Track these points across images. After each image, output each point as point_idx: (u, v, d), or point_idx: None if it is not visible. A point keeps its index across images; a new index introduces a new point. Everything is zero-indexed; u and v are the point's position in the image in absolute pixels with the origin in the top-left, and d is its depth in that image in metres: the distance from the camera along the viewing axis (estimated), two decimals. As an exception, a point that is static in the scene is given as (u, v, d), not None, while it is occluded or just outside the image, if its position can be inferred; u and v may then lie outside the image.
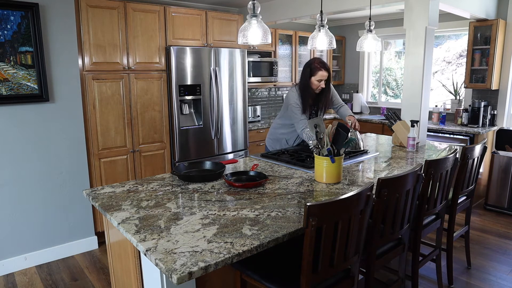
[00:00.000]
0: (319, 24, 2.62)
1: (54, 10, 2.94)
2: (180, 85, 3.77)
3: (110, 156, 3.48)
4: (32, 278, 2.91)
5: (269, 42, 2.19)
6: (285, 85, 5.40)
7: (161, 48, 3.67)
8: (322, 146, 2.11)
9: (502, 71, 4.34)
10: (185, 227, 1.50)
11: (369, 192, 1.51)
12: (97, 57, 3.29)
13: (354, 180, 2.18)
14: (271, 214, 1.64)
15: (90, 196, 1.90)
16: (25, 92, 2.87)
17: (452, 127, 4.32)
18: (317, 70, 2.76)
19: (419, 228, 2.19)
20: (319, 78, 2.78)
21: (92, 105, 3.31)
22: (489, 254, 3.19)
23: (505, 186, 4.06)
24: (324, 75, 2.78)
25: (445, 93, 5.05)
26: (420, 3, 3.25)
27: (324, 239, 1.40)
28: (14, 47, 2.78)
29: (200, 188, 2.01)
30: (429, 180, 2.07)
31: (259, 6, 2.10)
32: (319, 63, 2.78)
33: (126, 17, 3.40)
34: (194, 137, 3.96)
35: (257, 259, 1.69)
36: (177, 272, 1.17)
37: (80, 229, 3.30)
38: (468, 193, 2.77)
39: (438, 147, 3.21)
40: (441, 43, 5.17)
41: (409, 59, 3.39)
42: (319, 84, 2.81)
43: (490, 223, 3.86)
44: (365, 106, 5.81)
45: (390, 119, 3.29)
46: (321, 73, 2.77)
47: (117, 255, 1.94)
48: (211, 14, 4.00)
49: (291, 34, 5.24)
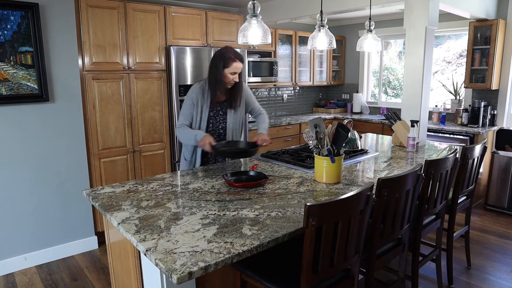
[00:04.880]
0: (319, 24, 2.62)
1: (54, 10, 2.94)
2: (180, 85, 3.77)
3: (110, 156, 3.48)
4: (32, 278, 2.91)
5: (269, 42, 2.19)
6: (285, 85, 5.40)
7: (161, 48, 3.67)
8: (322, 146, 2.11)
9: (502, 71, 4.34)
10: (185, 227, 1.50)
11: (369, 192, 1.51)
12: (97, 57, 3.29)
13: (354, 180, 2.18)
14: (271, 214, 1.64)
15: (90, 196, 1.90)
16: (25, 92, 2.87)
17: (452, 127, 4.32)
18: (232, 61, 2.41)
19: (419, 228, 2.19)
20: (233, 71, 2.42)
21: (92, 105, 3.31)
22: (489, 254, 3.19)
23: (505, 186, 4.06)
24: (239, 67, 2.44)
25: (445, 93, 5.05)
26: (420, 3, 3.25)
27: (324, 239, 1.40)
28: (14, 47, 2.78)
29: (200, 188, 2.01)
30: (429, 180, 2.07)
31: (259, 6, 2.10)
32: (233, 54, 2.43)
33: (126, 17, 3.40)
34: (194, 137, 3.96)
35: (257, 259, 1.69)
36: (177, 272, 1.17)
37: (80, 229, 3.30)
38: (468, 193, 2.77)
39: (438, 147, 3.21)
40: (441, 43, 5.17)
41: (409, 59, 3.39)
42: (232, 78, 2.45)
43: (490, 223, 3.85)
44: (365, 106, 5.81)
45: (390, 119, 3.29)
46: (236, 64, 2.42)
47: (117, 255, 1.94)
48: (211, 14, 4.00)
49: (291, 34, 5.24)
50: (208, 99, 2.51)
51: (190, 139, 2.44)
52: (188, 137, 2.45)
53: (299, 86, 5.89)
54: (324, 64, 5.84)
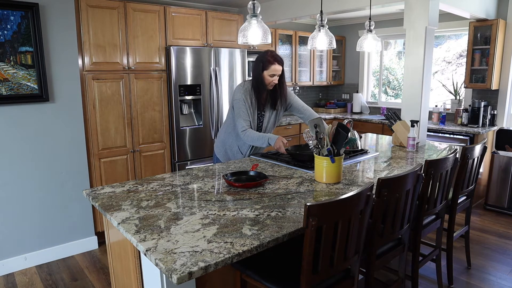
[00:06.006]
0: (319, 24, 2.62)
1: (54, 10, 2.94)
2: (180, 85, 3.77)
3: (110, 156, 3.48)
4: (32, 278, 2.91)
5: (269, 42, 2.19)
6: (285, 85, 5.39)
7: (161, 48, 3.67)
8: (322, 146, 2.11)
9: (502, 71, 4.34)
10: (185, 227, 1.50)
11: (369, 192, 1.51)
12: (97, 57, 3.29)
13: (354, 180, 2.18)
14: (271, 214, 1.64)
15: (90, 196, 1.90)
16: (25, 92, 2.87)
17: (452, 127, 4.32)
18: (270, 64, 2.50)
19: (419, 228, 2.19)
20: (272, 73, 2.52)
21: (92, 105, 3.31)
22: (489, 254, 3.19)
23: (505, 186, 4.06)
24: (278, 69, 2.52)
25: (445, 93, 5.05)
26: (420, 3, 3.25)
27: (324, 239, 1.40)
28: (14, 47, 2.78)
29: (200, 188, 2.01)
30: (429, 180, 2.07)
31: (259, 6, 2.10)
32: (272, 56, 2.52)
33: (126, 17, 3.40)
34: (194, 137, 3.96)
35: (257, 259, 1.69)
36: (177, 272, 1.17)
37: (80, 229, 3.30)
38: (468, 193, 2.77)
39: (438, 147, 3.21)
40: (441, 43, 5.17)
41: (409, 59, 3.39)
42: (271, 80, 2.55)
43: (490, 223, 3.85)
44: (365, 106, 5.81)
45: (390, 119, 3.29)
46: (274, 67, 2.50)
47: (117, 255, 1.94)
48: (211, 14, 4.00)
49: (291, 34, 5.24)
50: (254, 99, 2.61)
51: (262, 142, 2.54)
52: (259, 141, 2.55)
53: (299, 86, 5.89)
54: (324, 64, 5.84)
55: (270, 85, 2.58)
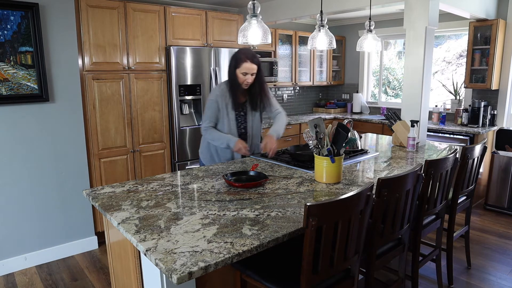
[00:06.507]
0: (319, 24, 2.62)
1: (54, 10, 2.94)
2: (180, 85, 3.77)
3: (110, 156, 3.48)
4: (32, 278, 2.91)
5: (269, 42, 2.19)
6: (285, 85, 5.40)
7: (161, 48, 3.67)
8: (322, 146, 2.11)
9: (502, 71, 4.34)
10: (185, 227, 1.50)
11: (369, 192, 1.51)
12: (97, 57, 3.29)
13: (354, 180, 2.18)
14: (271, 214, 1.64)
15: (90, 196, 1.90)
16: (25, 92, 2.87)
17: (452, 127, 4.32)
18: (242, 61, 2.38)
19: (419, 228, 2.19)
20: (244, 71, 2.40)
21: (92, 105, 3.31)
22: (489, 254, 3.19)
23: (505, 186, 4.06)
24: (250, 67, 2.38)
25: (445, 93, 5.05)
26: (420, 3, 3.25)
27: (324, 239, 1.40)
28: (14, 47, 2.78)
29: (200, 188, 2.01)
30: (429, 180, 2.07)
31: (259, 6, 2.11)
32: (244, 54, 2.39)
33: (126, 17, 3.40)
34: (194, 137, 3.96)
35: (257, 259, 1.69)
36: (177, 272, 1.17)
37: (80, 229, 3.30)
38: (468, 193, 2.77)
39: (438, 147, 3.21)
40: (441, 43, 5.17)
41: (409, 59, 3.39)
42: (244, 78, 2.42)
43: (490, 223, 3.85)
44: (365, 106, 5.81)
45: (390, 119, 3.29)
46: (246, 65, 2.38)
47: (117, 255, 1.94)
48: (211, 14, 4.00)
49: (291, 34, 5.24)
50: (230, 99, 2.52)
51: (221, 142, 2.50)
52: (219, 141, 2.50)
53: (299, 86, 5.89)
54: (324, 64, 5.84)
55: (244, 84, 2.45)
